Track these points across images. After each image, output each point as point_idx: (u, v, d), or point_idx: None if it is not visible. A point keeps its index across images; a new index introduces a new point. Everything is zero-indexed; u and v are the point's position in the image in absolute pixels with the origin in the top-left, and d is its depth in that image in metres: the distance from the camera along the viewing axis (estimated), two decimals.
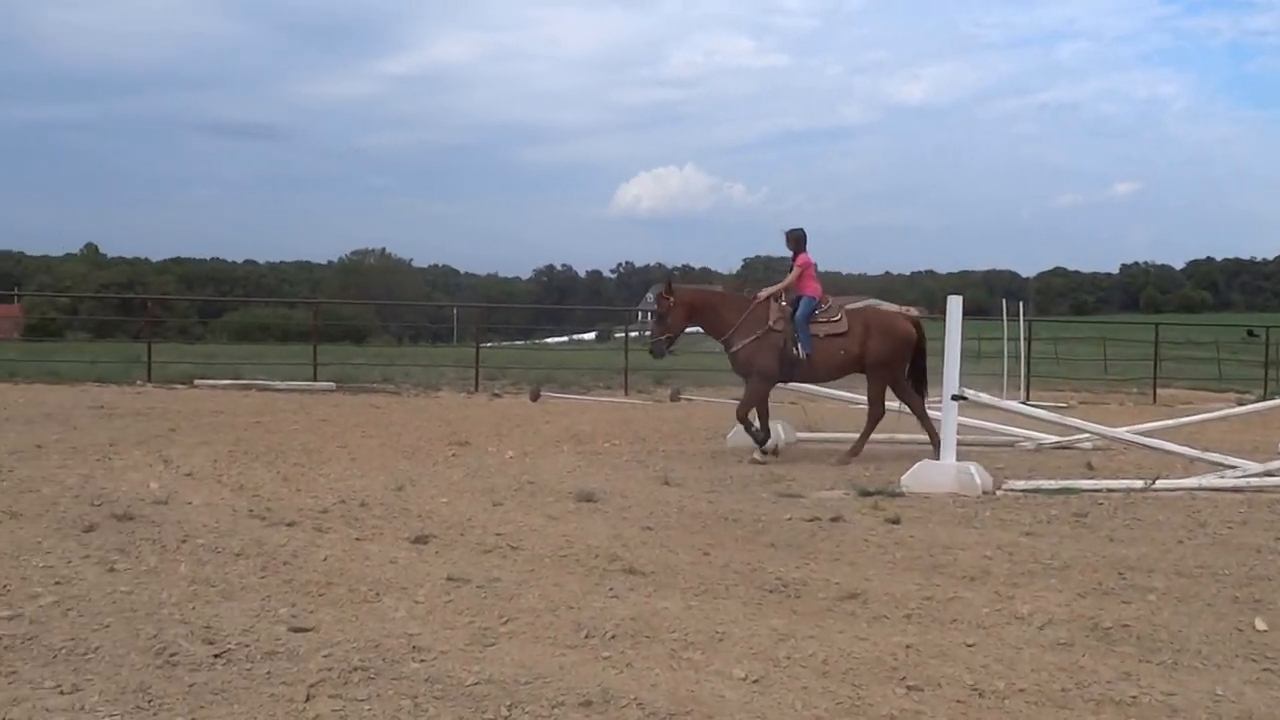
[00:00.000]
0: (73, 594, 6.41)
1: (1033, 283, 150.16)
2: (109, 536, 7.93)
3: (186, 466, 11.26)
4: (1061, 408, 19.31)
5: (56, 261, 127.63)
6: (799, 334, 12.95)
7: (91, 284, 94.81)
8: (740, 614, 6.39)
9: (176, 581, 6.78)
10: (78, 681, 5.00)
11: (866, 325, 13.20)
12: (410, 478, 11.06)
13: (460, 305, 79.22)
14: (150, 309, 33.73)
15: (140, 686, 4.94)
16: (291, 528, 8.49)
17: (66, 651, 5.40)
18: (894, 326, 13.43)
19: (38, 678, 5.04)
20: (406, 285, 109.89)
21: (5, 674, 5.07)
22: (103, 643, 5.54)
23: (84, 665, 5.23)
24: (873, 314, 14.02)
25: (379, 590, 6.76)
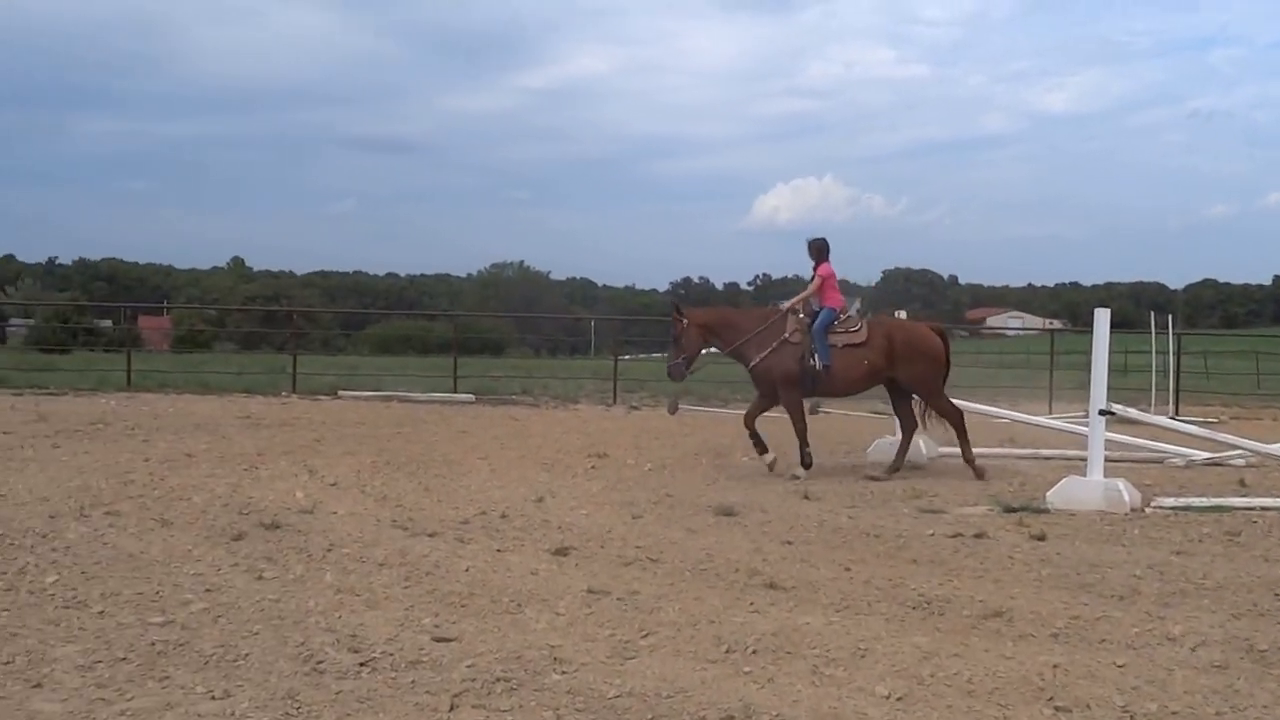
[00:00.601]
0: (222, 601, 6.62)
1: (1181, 295, 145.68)
2: (257, 545, 8.16)
3: (331, 477, 11.53)
4: (1212, 423, 18.71)
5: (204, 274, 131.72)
6: (816, 345, 12.78)
7: (238, 297, 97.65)
8: (883, 630, 6.34)
9: (322, 590, 6.96)
10: (228, 687, 5.16)
11: (890, 337, 12.97)
12: (550, 490, 11.18)
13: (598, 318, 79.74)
14: (295, 321, 34.62)
15: (289, 693, 5.08)
16: (434, 538, 8.64)
17: (217, 658, 5.57)
18: (922, 340, 13.21)
19: (190, 683, 5.20)
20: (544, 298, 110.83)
21: (158, 679, 5.25)
22: (252, 649, 5.71)
23: (234, 671, 5.39)
24: (897, 326, 13.68)
25: (520, 601, 6.84)
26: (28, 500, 9.61)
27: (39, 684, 5.13)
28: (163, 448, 13.42)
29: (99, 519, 8.90)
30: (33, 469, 11.40)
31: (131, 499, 9.84)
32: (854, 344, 12.81)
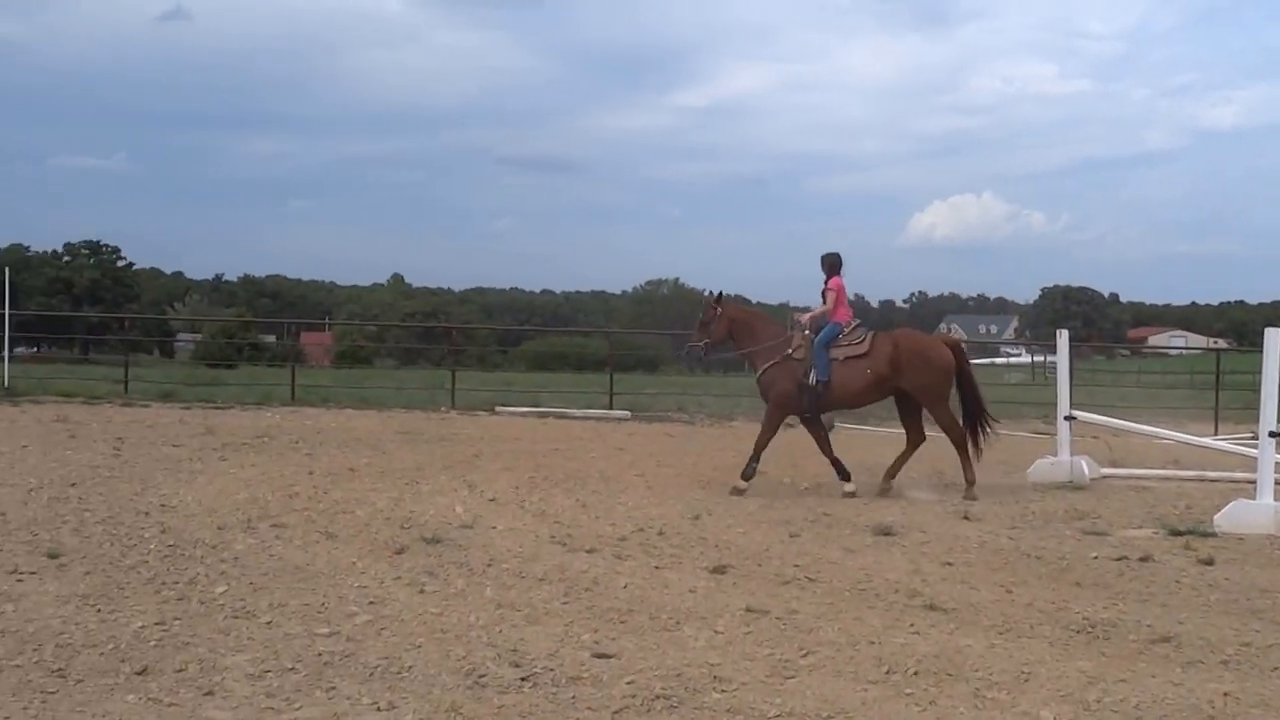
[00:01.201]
0: (386, 614, 6.77)
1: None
2: (418, 559, 8.33)
3: (490, 492, 11.70)
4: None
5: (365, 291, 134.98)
6: (816, 360, 12.76)
7: (397, 313, 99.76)
8: (1046, 654, 6.25)
9: (483, 605, 7.07)
10: (393, 699, 5.27)
11: (895, 347, 12.85)
12: (706, 507, 11.19)
13: None
14: (454, 338, 35.25)
15: (451, 706, 5.17)
16: (592, 554, 8.72)
17: (381, 669, 5.70)
18: (928, 349, 13.06)
19: (355, 694, 5.33)
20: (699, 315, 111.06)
21: (325, 689, 5.39)
22: (415, 662, 5.83)
23: (398, 683, 5.51)
24: (903, 336, 13.51)
25: (679, 619, 6.87)
26: (197, 512, 9.95)
27: (210, 691, 5.31)
28: (326, 461, 13.77)
29: (266, 531, 9.17)
30: (201, 481, 11.80)
31: (297, 512, 10.12)
32: (856, 355, 12.77)
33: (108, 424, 17.61)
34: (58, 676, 5.42)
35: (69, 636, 6.05)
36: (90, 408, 20.51)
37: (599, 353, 54.20)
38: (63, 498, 10.39)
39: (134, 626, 6.27)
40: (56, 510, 9.74)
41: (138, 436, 15.74)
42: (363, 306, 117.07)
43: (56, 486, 11.00)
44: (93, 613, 6.55)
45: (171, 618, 6.48)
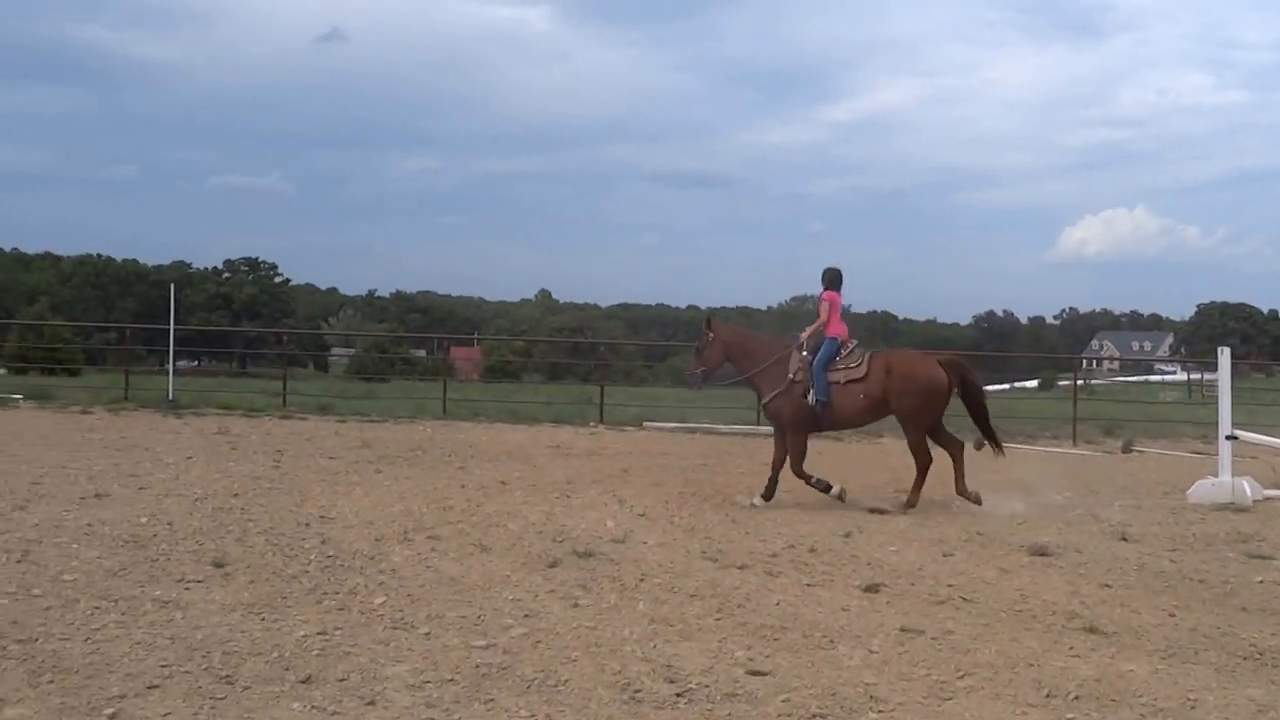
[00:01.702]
0: (541, 627, 6.82)
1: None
2: (571, 573, 8.38)
3: (639, 507, 11.74)
4: None
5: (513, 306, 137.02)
6: (815, 381, 12.63)
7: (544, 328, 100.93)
8: (1213, 681, 6.08)
9: (637, 619, 7.09)
10: (550, 712, 5.31)
11: (889, 369, 12.65)
12: (857, 524, 11.08)
13: None
14: (604, 353, 35.48)
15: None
16: (743, 571, 8.68)
17: (538, 683, 5.75)
18: (918, 372, 12.75)
19: (513, 706, 5.38)
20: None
21: (484, 701, 5.45)
22: (571, 676, 5.86)
23: (555, 696, 5.55)
24: (897, 358, 13.15)
25: (832, 637, 6.81)
26: (355, 524, 10.16)
27: (372, 701, 5.40)
28: (478, 475, 13.96)
29: (421, 543, 9.32)
30: (358, 493, 12.04)
31: (451, 524, 10.27)
32: (855, 379, 12.66)
33: (267, 436, 18.11)
34: (225, 683, 5.56)
35: (235, 644, 6.21)
36: (250, 420, 21.12)
37: None
38: (226, 508, 10.69)
39: (297, 635, 6.42)
40: (221, 520, 10.03)
41: (296, 449, 16.14)
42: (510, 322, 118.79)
43: (220, 497, 11.33)
44: (257, 621, 6.72)
45: (333, 627, 6.62)
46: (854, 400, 12.65)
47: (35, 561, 8.09)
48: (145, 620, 6.64)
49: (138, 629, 6.44)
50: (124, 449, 15.53)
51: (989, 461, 13.17)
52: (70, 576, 7.66)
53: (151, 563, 8.19)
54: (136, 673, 5.65)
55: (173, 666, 5.77)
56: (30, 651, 5.92)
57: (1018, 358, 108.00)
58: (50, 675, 5.56)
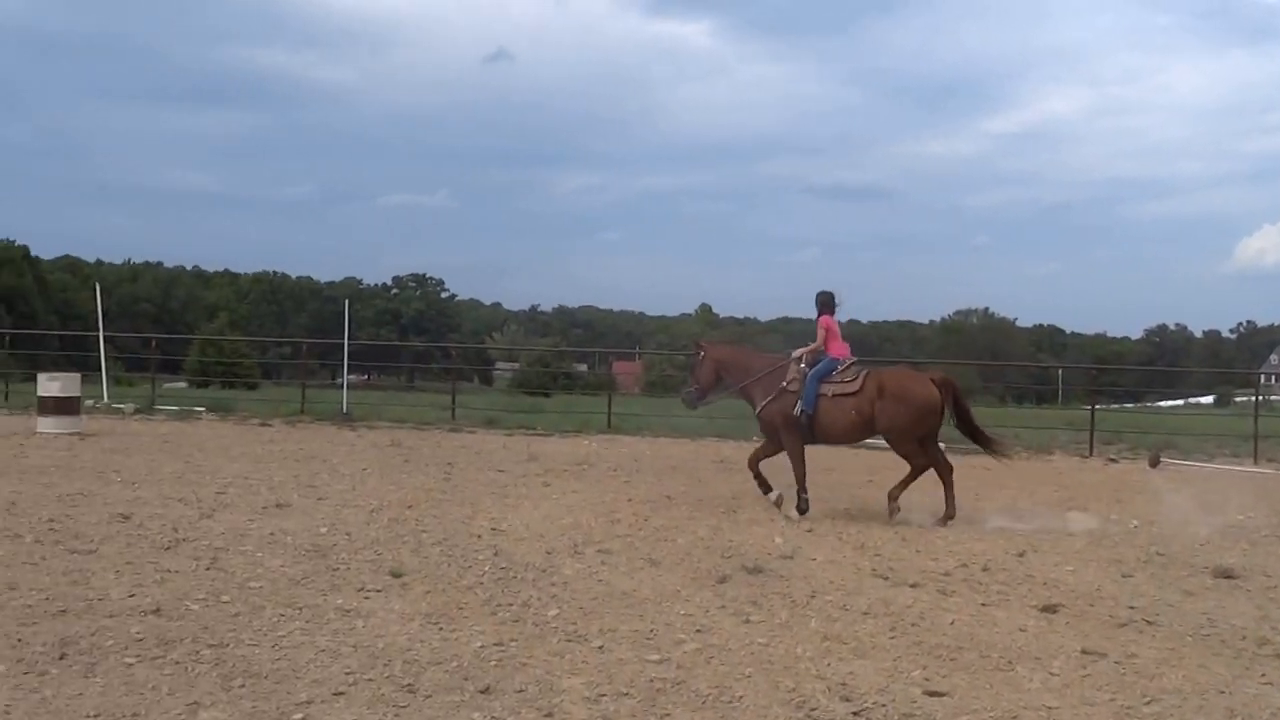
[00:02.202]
0: (713, 643, 6.80)
1: None
2: (741, 588, 8.35)
3: (806, 523, 11.65)
4: None
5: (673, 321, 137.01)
6: (805, 391, 12.72)
7: None
8: None
9: (809, 636, 7.02)
10: None
11: (881, 387, 12.63)
12: (1031, 543, 10.83)
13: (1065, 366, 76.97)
14: None
15: None
16: (915, 589, 8.55)
17: (712, 698, 5.73)
18: (909, 390, 12.69)
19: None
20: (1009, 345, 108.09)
21: (659, 715, 5.46)
22: (745, 692, 5.83)
23: (729, 713, 5.53)
24: (890, 376, 13.07)
25: (1011, 658, 6.66)
26: (525, 536, 10.27)
27: (550, 713, 5.44)
28: (644, 489, 14.02)
29: (591, 556, 9.38)
30: (527, 506, 12.19)
31: (620, 538, 10.33)
32: (845, 393, 12.67)
33: (437, 448, 18.45)
34: (408, 692, 5.66)
35: (415, 653, 6.32)
36: (420, 433, 21.55)
37: None
38: (401, 519, 10.92)
39: (474, 646, 6.50)
40: (396, 531, 10.24)
41: (465, 461, 16.42)
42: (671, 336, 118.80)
43: (395, 508, 11.57)
44: (435, 631, 6.83)
45: (508, 639, 6.69)
46: (844, 415, 12.68)
47: (223, 569, 8.35)
48: (329, 628, 6.80)
49: (322, 636, 6.60)
50: (302, 460, 15.98)
51: (1170, 481, 12.77)
52: (256, 584, 7.89)
53: (332, 572, 8.40)
54: (322, 679, 5.78)
55: (356, 674, 5.89)
56: (221, 656, 6.11)
57: (1193, 373, 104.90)
58: (241, 680, 5.72)
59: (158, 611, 7.00)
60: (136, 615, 6.90)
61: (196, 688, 5.58)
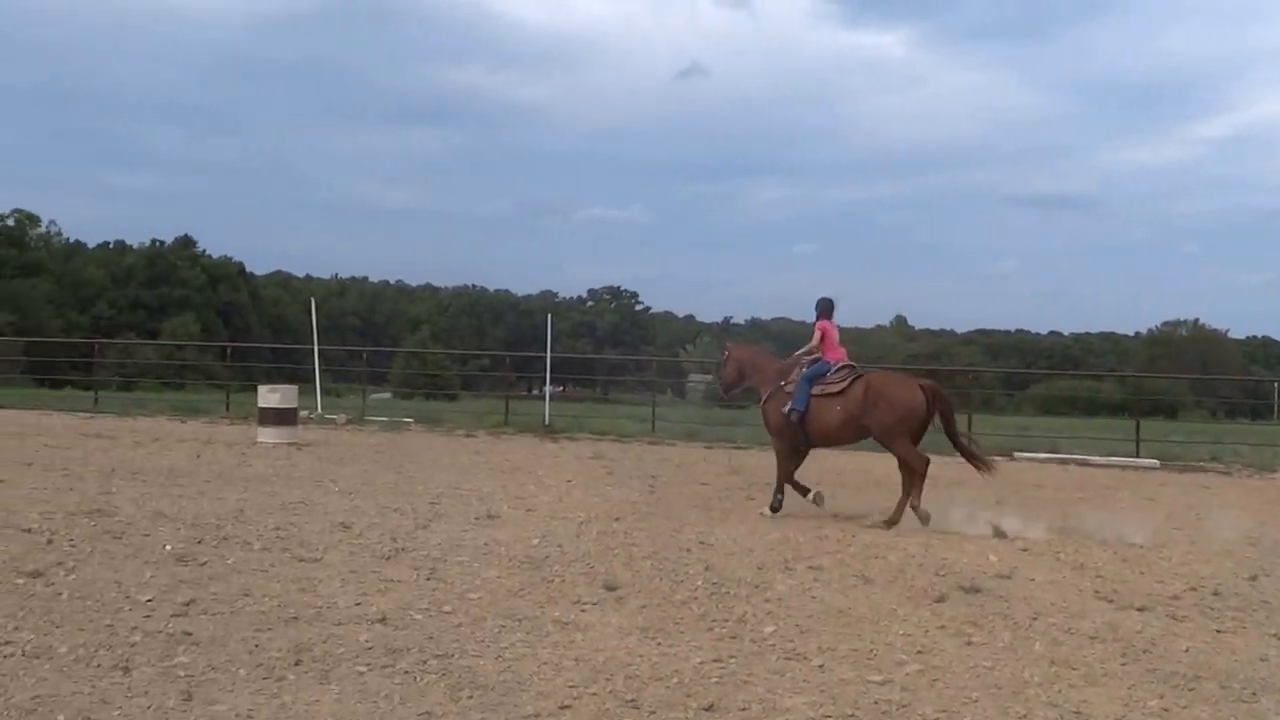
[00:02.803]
0: (935, 664, 6.64)
1: None
2: (959, 608, 8.14)
3: (1021, 541, 11.33)
4: None
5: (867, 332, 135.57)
6: (797, 392, 13.22)
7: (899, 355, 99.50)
8: None
9: (1035, 660, 6.80)
10: None
11: (868, 389, 12.99)
12: (1262, 566, 10.36)
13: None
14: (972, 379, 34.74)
15: None
16: (1143, 613, 8.21)
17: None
18: (892, 392, 12.99)
19: None
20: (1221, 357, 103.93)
21: None
22: (972, 717, 5.68)
23: None
24: (877, 377, 13.49)
25: (1254, 689, 6.37)
26: (734, 551, 10.21)
27: None
28: (849, 503, 13.83)
29: (803, 572, 9.26)
30: (733, 520, 12.14)
31: (829, 554, 10.18)
32: (830, 394, 13.12)
33: (639, 461, 18.56)
34: (631, 707, 5.64)
35: (636, 668, 6.30)
36: (621, 445, 21.70)
37: (1112, 397, 51.86)
38: (609, 532, 10.97)
39: (694, 662, 6.46)
40: (606, 544, 10.28)
41: (668, 474, 16.46)
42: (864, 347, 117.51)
43: (602, 521, 11.63)
44: (654, 646, 6.81)
45: (727, 655, 6.64)
46: (831, 414, 13.09)
47: (442, 579, 8.48)
48: (549, 641, 6.84)
49: (543, 649, 6.64)
50: (508, 471, 16.23)
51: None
52: (475, 595, 7.99)
53: (547, 584, 8.46)
54: (547, 692, 5.81)
55: (580, 688, 5.90)
56: (448, 666, 6.19)
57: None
58: (469, 691, 5.78)
59: (384, 620, 7.14)
60: (364, 623, 7.05)
61: (427, 698, 5.66)
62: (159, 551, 9.08)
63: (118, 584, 7.87)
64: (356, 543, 9.85)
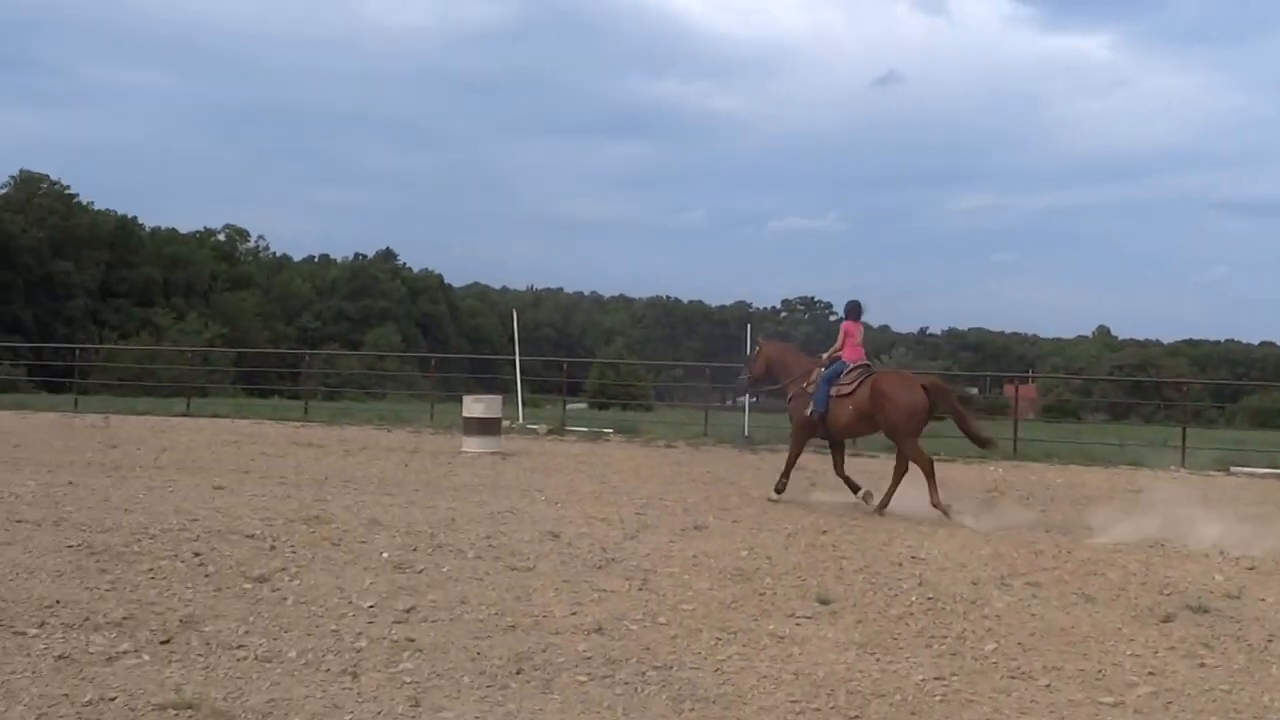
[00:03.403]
0: (1168, 686, 6.42)
1: None
2: (1188, 628, 7.86)
3: (1247, 560, 10.87)
4: None
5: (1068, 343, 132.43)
6: (817, 393, 14.28)
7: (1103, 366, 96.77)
8: None
9: (1274, 685, 6.52)
10: None
11: (874, 388, 13.89)
12: None
13: None
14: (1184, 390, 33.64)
15: None
16: None
17: None
18: (895, 392, 13.81)
19: None
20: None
21: None
22: None
23: None
24: (883, 376, 14.36)
25: None
26: (947, 566, 10.03)
27: None
28: (1059, 518, 13.50)
29: (1020, 589, 9.04)
30: (943, 534, 11.94)
31: (1046, 571, 9.92)
32: (845, 394, 14.09)
33: None
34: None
35: (857, 684, 6.24)
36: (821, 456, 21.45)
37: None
38: (818, 544, 10.89)
39: (915, 679, 6.37)
40: (815, 557, 10.21)
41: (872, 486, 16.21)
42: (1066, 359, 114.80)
43: (809, 533, 11.56)
44: (873, 661, 6.73)
45: (949, 673, 6.52)
46: (844, 412, 14.14)
47: (654, 590, 8.53)
48: (766, 654, 6.81)
49: (760, 662, 6.62)
50: (710, 482, 16.27)
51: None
52: (688, 606, 8.01)
53: (759, 596, 8.43)
54: (769, 706, 5.79)
55: (801, 703, 5.86)
56: (667, 678, 6.21)
57: None
58: (690, 703, 5.79)
59: (600, 630, 7.21)
60: (581, 633, 7.13)
61: (649, 710, 5.69)
62: (377, 559, 9.34)
63: (340, 590, 8.12)
64: (567, 552, 9.97)
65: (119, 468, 15.70)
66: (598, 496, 14.00)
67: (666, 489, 15.10)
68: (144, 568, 8.60)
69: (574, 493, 14.30)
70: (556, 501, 13.35)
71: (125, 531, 10.14)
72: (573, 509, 12.72)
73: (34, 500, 11.91)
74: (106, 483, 13.70)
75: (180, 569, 8.63)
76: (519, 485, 14.99)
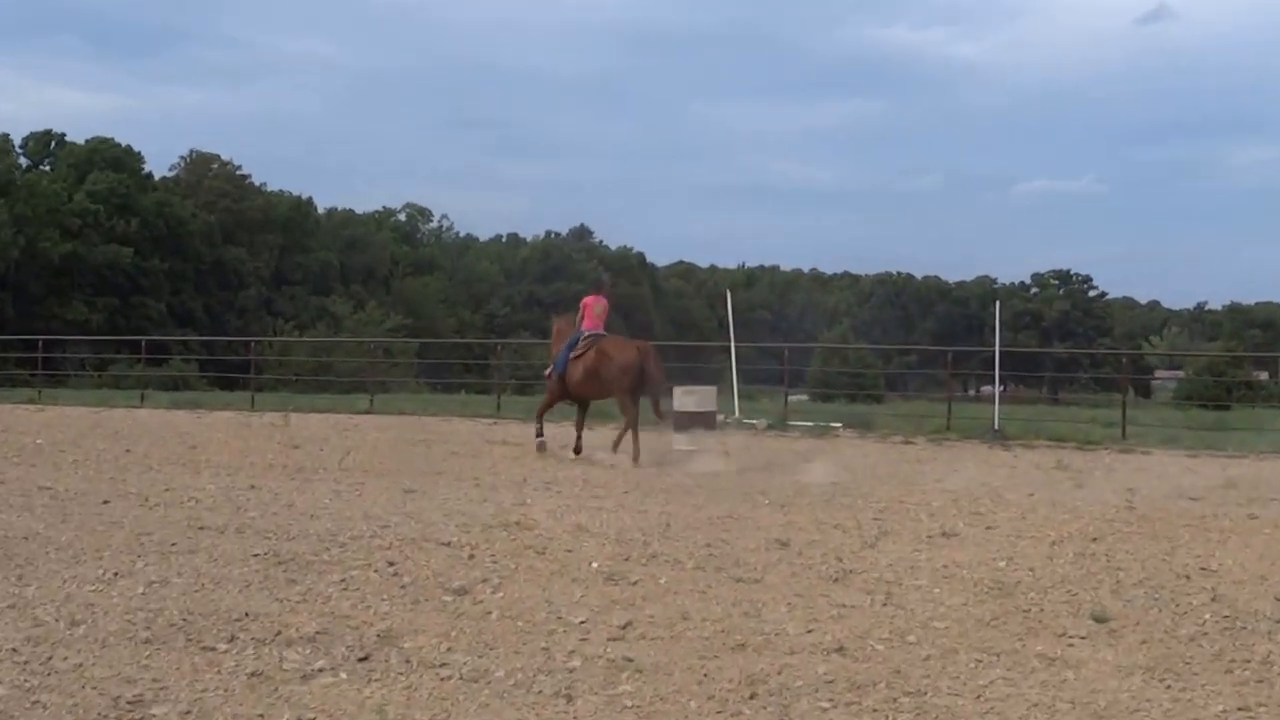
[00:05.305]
0: None
1: None
2: None
3: None
4: None
5: None
6: (558, 358, 19.24)
7: None
8: None
9: None
10: None
11: (598, 349, 18.51)
12: None
13: None
14: None
15: None
16: None
17: None
18: (610, 352, 18.53)
19: None
20: None
21: None
22: None
23: None
24: (605, 342, 18.84)
25: None
26: (1244, 579, 9.68)
27: None
28: None
29: None
30: (1234, 542, 11.53)
31: None
32: (577, 357, 18.77)
33: (1110, 472, 17.96)
34: None
35: (1144, 714, 6.08)
36: (1085, 454, 21.02)
37: None
38: (1088, 554, 10.64)
39: (1215, 709, 6.17)
40: (1086, 568, 9.97)
41: (1148, 487, 15.85)
42: None
43: (1077, 541, 11.30)
44: (1162, 689, 6.54)
45: (1255, 703, 6.29)
46: (576, 373, 18.71)
47: (900, 605, 8.45)
48: (1035, 679, 6.68)
49: (1030, 688, 6.50)
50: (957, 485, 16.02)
51: None
52: (940, 623, 7.91)
53: (1023, 613, 8.28)
54: None
55: None
56: (921, 705, 6.15)
57: None
58: None
59: (841, 650, 7.18)
60: (820, 653, 7.11)
61: None
62: (586, 569, 9.47)
63: (548, 603, 8.26)
64: (797, 562, 9.96)
65: (302, 470, 16.31)
66: (828, 499, 13.93)
67: (906, 491, 14.95)
68: (335, 578, 8.90)
69: (801, 495, 14.26)
70: (783, 505, 13.34)
71: (313, 539, 10.52)
72: (802, 514, 12.69)
73: (214, 505, 12.45)
74: (290, 486, 14.25)
75: (374, 579, 8.91)
76: (739, 487, 15.03)
